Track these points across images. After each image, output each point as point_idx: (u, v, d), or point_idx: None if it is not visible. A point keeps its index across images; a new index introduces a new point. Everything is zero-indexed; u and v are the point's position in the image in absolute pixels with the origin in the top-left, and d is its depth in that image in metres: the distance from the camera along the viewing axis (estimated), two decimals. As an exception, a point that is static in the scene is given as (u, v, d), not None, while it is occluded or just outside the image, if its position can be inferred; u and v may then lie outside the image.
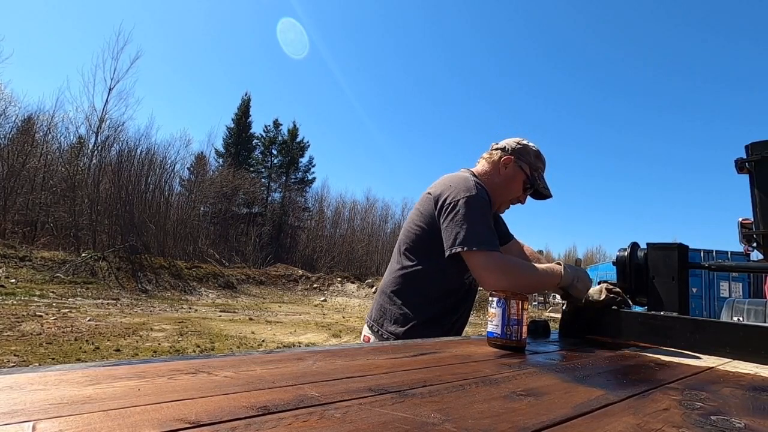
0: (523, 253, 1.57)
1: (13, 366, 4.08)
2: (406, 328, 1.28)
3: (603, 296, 1.24)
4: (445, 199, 1.25)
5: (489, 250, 1.17)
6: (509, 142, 1.42)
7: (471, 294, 1.41)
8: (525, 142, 1.42)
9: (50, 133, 19.00)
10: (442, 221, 1.24)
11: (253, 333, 7.31)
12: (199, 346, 5.79)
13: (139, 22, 49.37)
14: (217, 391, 0.49)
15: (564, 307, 1.28)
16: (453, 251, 1.19)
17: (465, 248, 1.17)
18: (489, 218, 1.24)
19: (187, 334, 6.61)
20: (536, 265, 1.21)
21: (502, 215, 1.59)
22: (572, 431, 0.46)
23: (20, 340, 5.17)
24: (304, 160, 34.63)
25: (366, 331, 1.39)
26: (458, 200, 1.22)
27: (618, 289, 1.26)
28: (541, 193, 1.42)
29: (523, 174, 1.38)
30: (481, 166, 1.44)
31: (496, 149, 1.42)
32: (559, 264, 1.20)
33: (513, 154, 1.38)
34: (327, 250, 29.88)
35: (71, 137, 19.83)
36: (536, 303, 21.30)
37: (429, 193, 1.32)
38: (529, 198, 1.46)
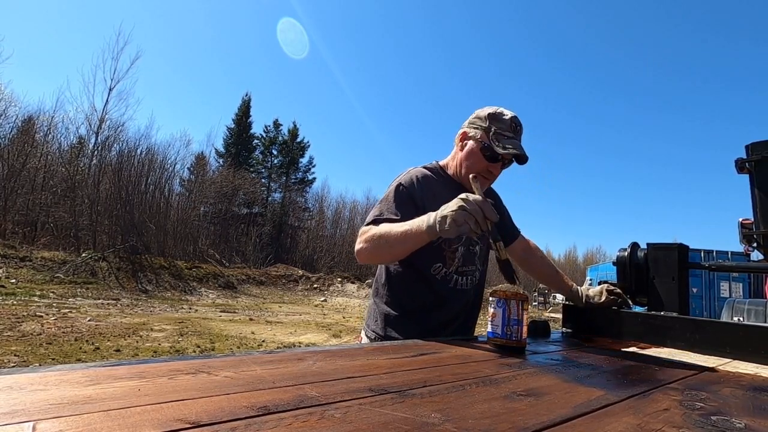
0: (528, 250, 1.54)
1: (14, 366, 4.08)
2: (383, 324, 1.29)
3: (603, 298, 1.25)
4: None
5: (367, 224, 1.20)
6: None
7: (460, 293, 1.31)
8: (479, 110, 1.34)
9: (50, 133, 19.03)
10: None
11: (253, 333, 7.31)
12: (199, 347, 5.79)
13: (139, 22, 49.48)
14: (218, 391, 0.49)
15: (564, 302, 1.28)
16: None
17: None
18: (398, 199, 1.24)
19: (187, 335, 6.61)
20: (402, 223, 1.12)
21: (508, 211, 1.56)
22: (572, 431, 0.46)
23: (20, 340, 5.17)
24: (304, 161, 34.66)
25: (362, 332, 1.42)
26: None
27: (618, 291, 1.26)
28: (512, 154, 1.24)
29: (478, 143, 1.29)
30: (451, 152, 1.43)
31: None
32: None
33: (466, 127, 1.34)
34: (327, 251, 29.85)
35: (71, 137, 19.84)
36: (536, 303, 21.30)
37: None
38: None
